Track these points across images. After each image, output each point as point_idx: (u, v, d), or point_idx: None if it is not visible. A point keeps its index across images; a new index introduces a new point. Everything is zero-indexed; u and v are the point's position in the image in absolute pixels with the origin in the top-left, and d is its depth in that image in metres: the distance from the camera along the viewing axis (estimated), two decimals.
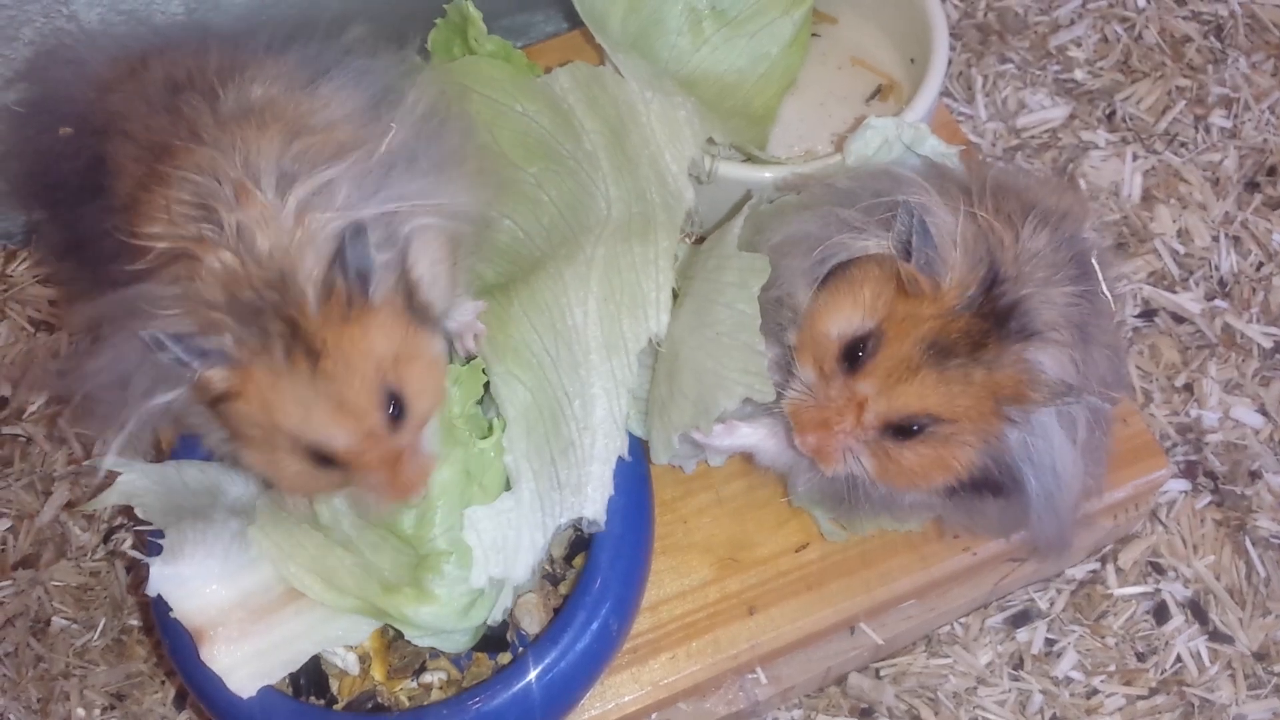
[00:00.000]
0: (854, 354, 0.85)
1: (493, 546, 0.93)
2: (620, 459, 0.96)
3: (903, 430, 0.85)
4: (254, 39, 0.95)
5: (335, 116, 0.89)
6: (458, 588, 0.90)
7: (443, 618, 0.90)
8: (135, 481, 0.93)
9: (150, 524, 0.93)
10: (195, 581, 0.92)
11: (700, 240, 1.16)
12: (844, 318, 0.86)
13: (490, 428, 0.94)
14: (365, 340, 0.81)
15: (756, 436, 0.96)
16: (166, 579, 0.91)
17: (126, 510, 1.26)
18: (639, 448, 1.00)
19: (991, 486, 0.88)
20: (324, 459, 0.82)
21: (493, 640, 0.97)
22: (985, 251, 0.83)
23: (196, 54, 0.93)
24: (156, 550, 0.92)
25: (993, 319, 0.82)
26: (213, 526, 0.92)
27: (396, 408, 0.83)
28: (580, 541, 0.97)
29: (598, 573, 0.94)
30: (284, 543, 0.92)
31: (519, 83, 1.13)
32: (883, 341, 0.84)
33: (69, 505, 1.28)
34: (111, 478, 0.94)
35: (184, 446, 1.00)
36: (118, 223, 0.85)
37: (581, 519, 0.94)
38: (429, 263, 0.88)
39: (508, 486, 0.95)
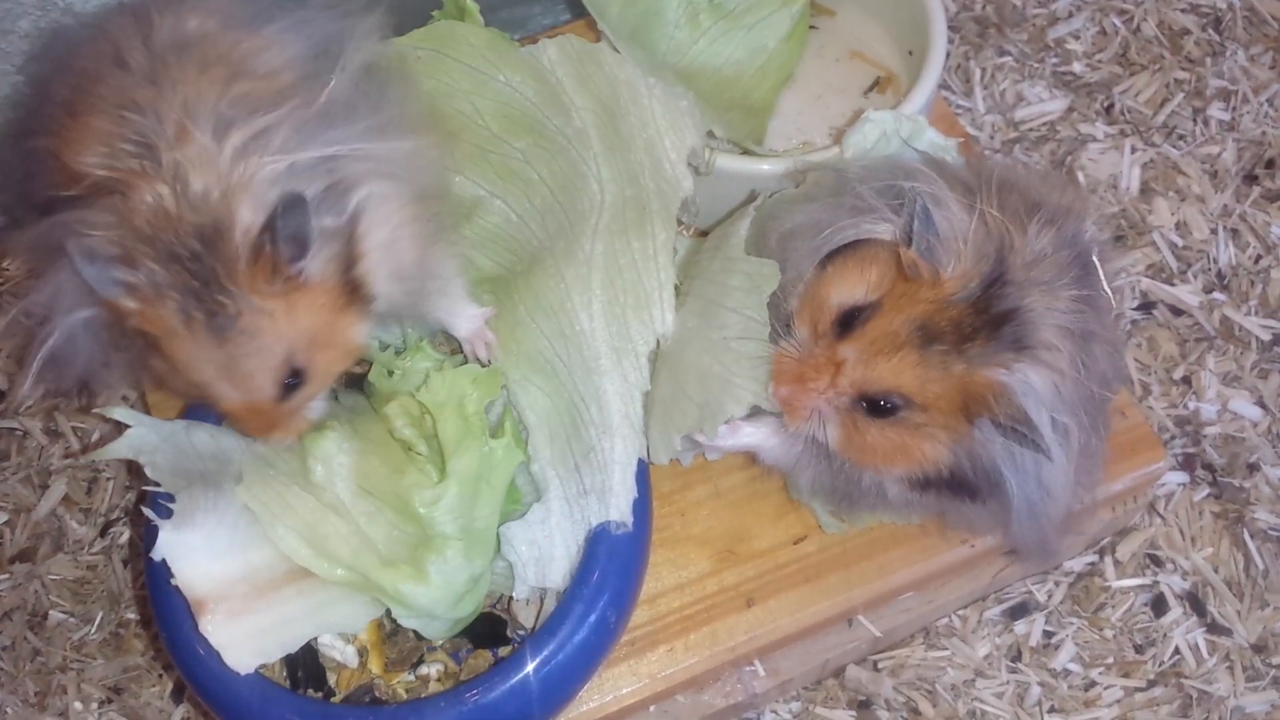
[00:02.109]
0: (848, 321, 0.86)
1: (530, 559, 0.94)
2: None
3: (875, 408, 0.85)
4: None
5: (276, 62, 0.88)
6: (459, 575, 0.89)
7: (435, 602, 0.89)
8: (144, 436, 0.92)
9: (158, 485, 0.92)
10: (201, 551, 0.90)
11: (703, 234, 1.15)
12: (847, 289, 0.87)
13: (502, 428, 0.95)
14: (285, 317, 0.81)
15: (759, 436, 0.97)
16: (173, 545, 0.89)
17: (126, 501, 1.27)
18: None
19: (969, 490, 0.88)
20: None
21: (492, 635, 0.97)
22: (994, 250, 0.83)
23: None
24: (166, 514, 0.91)
25: (987, 317, 0.82)
26: (224, 496, 0.91)
27: (294, 380, 0.84)
28: None
29: (595, 565, 0.94)
30: (273, 503, 0.90)
31: (500, 50, 1.10)
32: (876, 314, 0.85)
33: (65, 499, 1.28)
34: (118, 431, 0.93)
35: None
36: (51, 146, 0.85)
37: (609, 522, 0.94)
38: (389, 230, 0.87)
39: (514, 497, 0.96)
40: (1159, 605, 1.20)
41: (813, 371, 0.87)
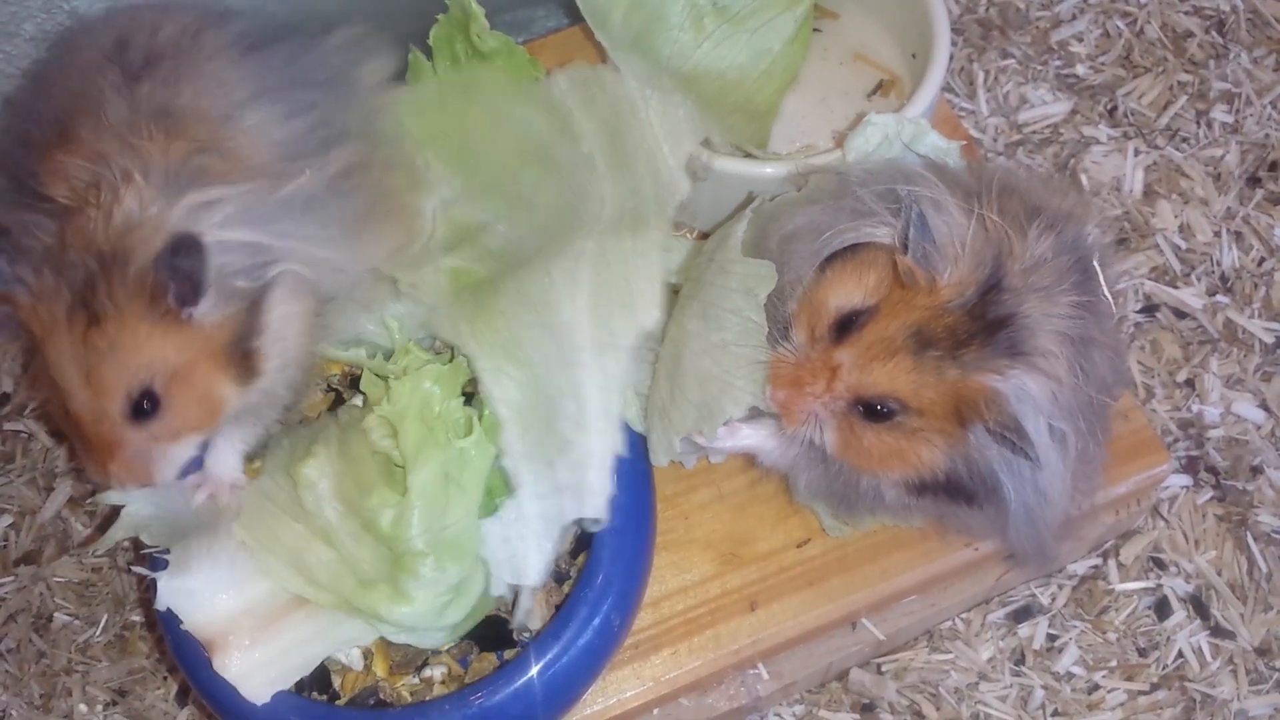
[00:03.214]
0: (846, 326, 0.87)
1: (505, 556, 0.94)
2: (622, 456, 0.95)
3: (871, 411, 0.86)
4: (232, 26, 0.98)
5: (256, 144, 0.92)
6: (435, 588, 0.90)
7: (418, 617, 0.90)
8: (140, 511, 0.94)
9: (156, 547, 0.93)
10: (204, 593, 0.91)
11: (704, 237, 1.15)
12: (845, 293, 0.88)
13: (470, 426, 0.94)
14: (151, 341, 0.84)
15: (758, 437, 0.97)
16: (175, 592, 0.91)
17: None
18: (640, 444, 1.00)
19: (965, 495, 0.88)
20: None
21: (498, 638, 0.97)
22: (991, 258, 0.83)
23: (163, 11, 0.97)
24: (163, 565, 0.92)
25: (982, 323, 0.82)
26: (218, 538, 0.92)
27: (148, 406, 0.85)
28: (585, 538, 0.97)
29: (600, 569, 0.94)
30: (264, 536, 0.92)
31: (518, 89, 1.14)
32: (873, 319, 0.85)
33: (71, 501, 1.28)
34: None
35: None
36: (36, 164, 0.90)
37: (590, 519, 0.94)
38: (281, 313, 0.91)
39: (495, 492, 0.96)
40: (1162, 608, 1.20)
41: (809, 375, 0.87)
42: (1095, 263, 0.89)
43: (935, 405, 0.84)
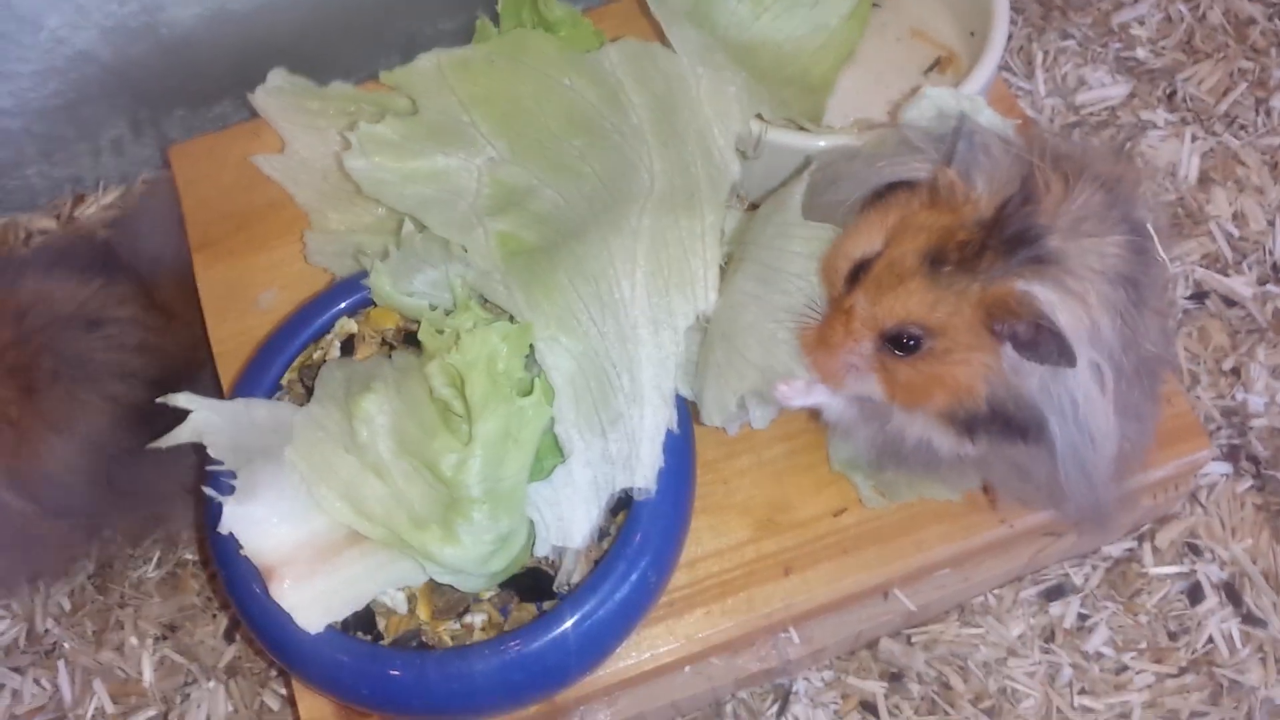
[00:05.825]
0: (859, 273, 0.85)
1: (553, 519, 0.96)
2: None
3: (900, 345, 0.84)
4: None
5: None
6: (485, 535, 0.92)
7: (465, 561, 0.92)
8: (207, 418, 0.95)
9: (220, 462, 0.95)
10: (267, 521, 0.93)
11: (754, 207, 1.16)
12: (865, 239, 0.86)
13: (531, 386, 0.96)
14: None
15: (824, 393, 0.96)
16: (239, 518, 0.93)
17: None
18: (683, 408, 1.01)
19: (1016, 427, 0.84)
20: None
21: (538, 590, 0.99)
22: (1021, 184, 0.81)
23: None
24: (228, 489, 0.94)
25: (1000, 237, 0.80)
26: (283, 467, 0.94)
27: None
28: (625, 499, 0.99)
29: (638, 527, 0.96)
30: (318, 465, 0.93)
31: (568, 57, 1.14)
32: (882, 253, 0.84)
33: None
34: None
35: (248, 383, 1.03)
36: None
37: (634, 488, 0.96)
38: None
39: (550, 452, 0.98)
40: (1195, 594, 1.21)
41: (829, 330, 0.86)
42: (1150, 226, 0.86)
43: (958, 320, 0.81)
